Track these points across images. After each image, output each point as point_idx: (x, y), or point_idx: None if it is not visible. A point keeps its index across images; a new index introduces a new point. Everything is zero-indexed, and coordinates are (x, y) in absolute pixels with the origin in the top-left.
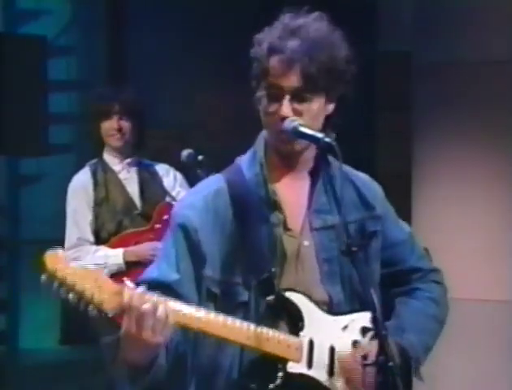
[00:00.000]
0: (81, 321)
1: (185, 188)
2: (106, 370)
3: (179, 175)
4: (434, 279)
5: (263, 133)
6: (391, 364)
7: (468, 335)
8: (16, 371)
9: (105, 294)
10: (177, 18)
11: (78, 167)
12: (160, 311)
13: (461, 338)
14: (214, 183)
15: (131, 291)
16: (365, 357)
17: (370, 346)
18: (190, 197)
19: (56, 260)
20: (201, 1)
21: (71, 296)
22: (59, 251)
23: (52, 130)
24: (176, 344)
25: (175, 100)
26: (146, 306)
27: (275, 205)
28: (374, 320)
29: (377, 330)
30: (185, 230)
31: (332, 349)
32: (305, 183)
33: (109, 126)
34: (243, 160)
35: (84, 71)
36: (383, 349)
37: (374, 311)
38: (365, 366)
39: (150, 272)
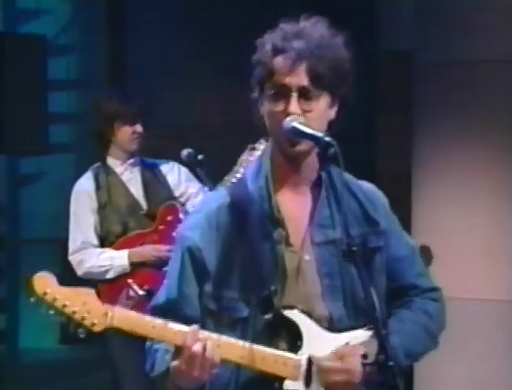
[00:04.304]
0: None
1: (192, 180)
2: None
3: (184, 170)
4: (432, 297)
5: (269, 144)
6: (391, 363)
7: (468, 335)
8: (16, 371)
9: (94, 317)
10: (177, 18)
11: (78, 167)
12: (208, 351)
13: (461, 338)
14: (217, 199)
15: (185, 331)
16: (364, 357)
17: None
18: (193, 217)
19: (44, 283)
20: (201, 1)
21: (61, 318)
22: (48, 274)
23: (52, 129)
24: None
25: (175, 100)
26: (196, 347)
27: (278, 222)
28: (373, 320)
29: (377, 330)
30: (190, 251)
31: None
32: (307, 197)
33: (132, 130)
34: (248, 171)
35: (83, 71)
36: (383, 349)
37: (374, 310)
38: (364, 365)
39: (159, 297)
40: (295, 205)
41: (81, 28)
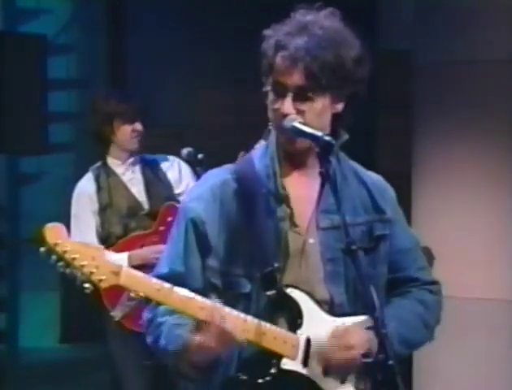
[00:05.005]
0: (81, 319)
1: (192, 178)
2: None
3: (184, 166)
4: (430, 289)
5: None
6: (391, 362)
7: (468, 334)
8: (16, 370)
9: (102, 273)
10: (177, 17)
11: (78, 166)
12: (230, 328)
13: (461, 337)
14: (222, 173)
15: (211, 307)
16: (365, 355)
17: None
18: (197, 189)
19: (56, 234)
20: (201, 1)
21: (68, 270)
22: (59, 225)
23: (52, 129)
24: None
25: (175, 100)
26: (224, 324)
27: (282, 199)
28: (373, 319)
29: (377, 329)
30: (193, 223)
31: None
32: (315, 181)
33: (132, 128)
34: (255, 152)
35: (83, 70)
36: (382, 348)
37: (373, 309)
38: (364, 364)
39: (161, 267)
40: (301, 188)
41: (81, 28)
